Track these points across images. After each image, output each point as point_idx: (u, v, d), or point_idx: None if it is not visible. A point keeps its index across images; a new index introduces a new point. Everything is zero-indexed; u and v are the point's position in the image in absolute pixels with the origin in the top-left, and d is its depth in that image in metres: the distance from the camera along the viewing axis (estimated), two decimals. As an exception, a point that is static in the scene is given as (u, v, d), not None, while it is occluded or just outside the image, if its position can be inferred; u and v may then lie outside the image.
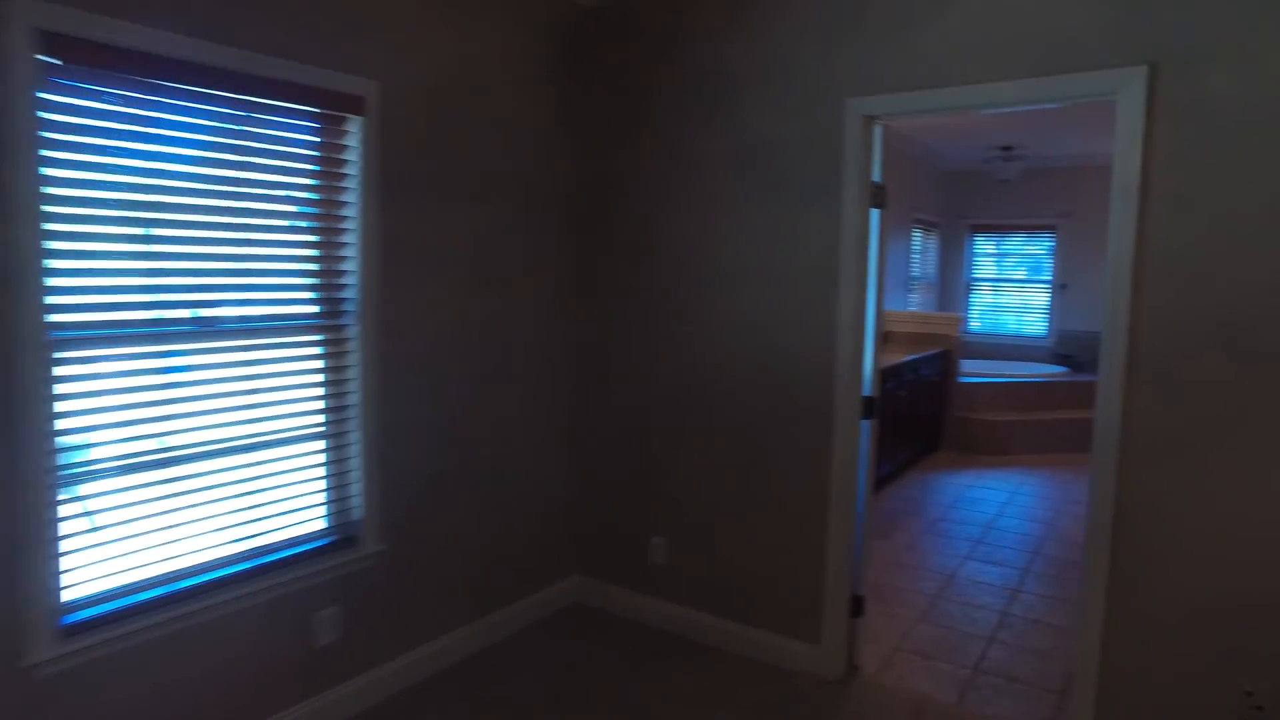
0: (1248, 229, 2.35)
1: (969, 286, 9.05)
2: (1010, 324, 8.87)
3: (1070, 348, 8.45)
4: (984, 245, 8.98)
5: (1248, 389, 2.37)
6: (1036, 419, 7.22)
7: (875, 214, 3.08)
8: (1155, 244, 2.49)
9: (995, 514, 5.46)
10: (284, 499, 2.61)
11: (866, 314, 3.07)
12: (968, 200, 8.91)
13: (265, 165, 2.50)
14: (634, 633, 3.55)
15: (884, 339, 7.39)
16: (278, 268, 2.57)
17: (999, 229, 8.83)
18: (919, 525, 5.17)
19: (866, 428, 3.12)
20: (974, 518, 5.36)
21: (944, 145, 8.07)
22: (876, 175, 3.06)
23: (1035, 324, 8.72)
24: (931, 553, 4.68)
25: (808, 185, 3.06)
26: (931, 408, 6.93)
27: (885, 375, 5.70)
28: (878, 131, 3.04)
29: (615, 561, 3.71)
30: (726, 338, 3.27)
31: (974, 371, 7.76)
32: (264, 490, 2.55)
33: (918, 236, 8.46)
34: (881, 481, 6.06)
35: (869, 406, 3.12)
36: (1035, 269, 8.72)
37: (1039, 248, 8.67)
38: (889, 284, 7.59)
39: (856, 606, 3.20)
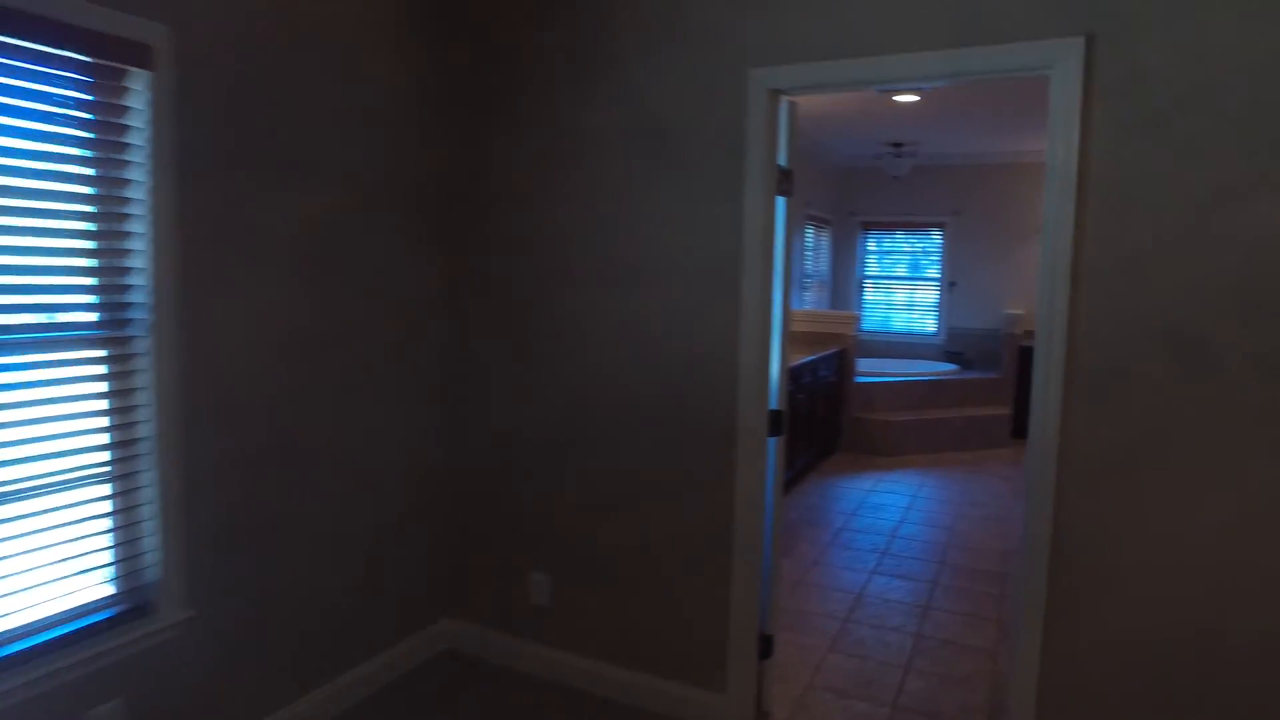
0: (1194, 221, 2.09)
1: (861, 284, 8.97)
2: (902, 322, 8.83)
3: (959, 345, 8.47)
4: (875, 242, 8.91)
5: (1197, 402, 2.11)
6: (931, 418, 7.14)
7: (781, 203, 2.71)
8: (1095, 238, 2.21)
9: (898, 520, 5.25)
10: (44, 564, 2.01)
11: (773, 314, 2.70)
12: (859, 197, 8.82)
13: (14, 129, 1.90)
14: (515, 684, 3.07)
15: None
16: (37, 263, 1.98)
17: (890, 226, 8.78)
18: (823, 537, 4.89)
19: (774, 447, 2.76)
20: (877, 525, 5.13)
21: (835, 140, 7.91)
22: (783, 159, 2.70)
23: (926, 322, 8.71)
24: (838, 568, 4.39)
25: (708, 168, 2.66)
26: (829, 409, 6.72)
27: (789, 374, 5.42)
28: (785, 108, 2.67)
29: (493, 602, 3.23)
30: (618, 345, 2.84)
31: (870, 371, 7.63)
32: (15, 556, 1.94)
33: (810, 233, 8.28)
34: (788, 485, 5.77)
35: (777, 421, 2.75)
36: (925, 266, 8.71)
37: (929, 245, 8.66)
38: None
39: (765, 647, 2.83)
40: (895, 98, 5.82)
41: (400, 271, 2.94)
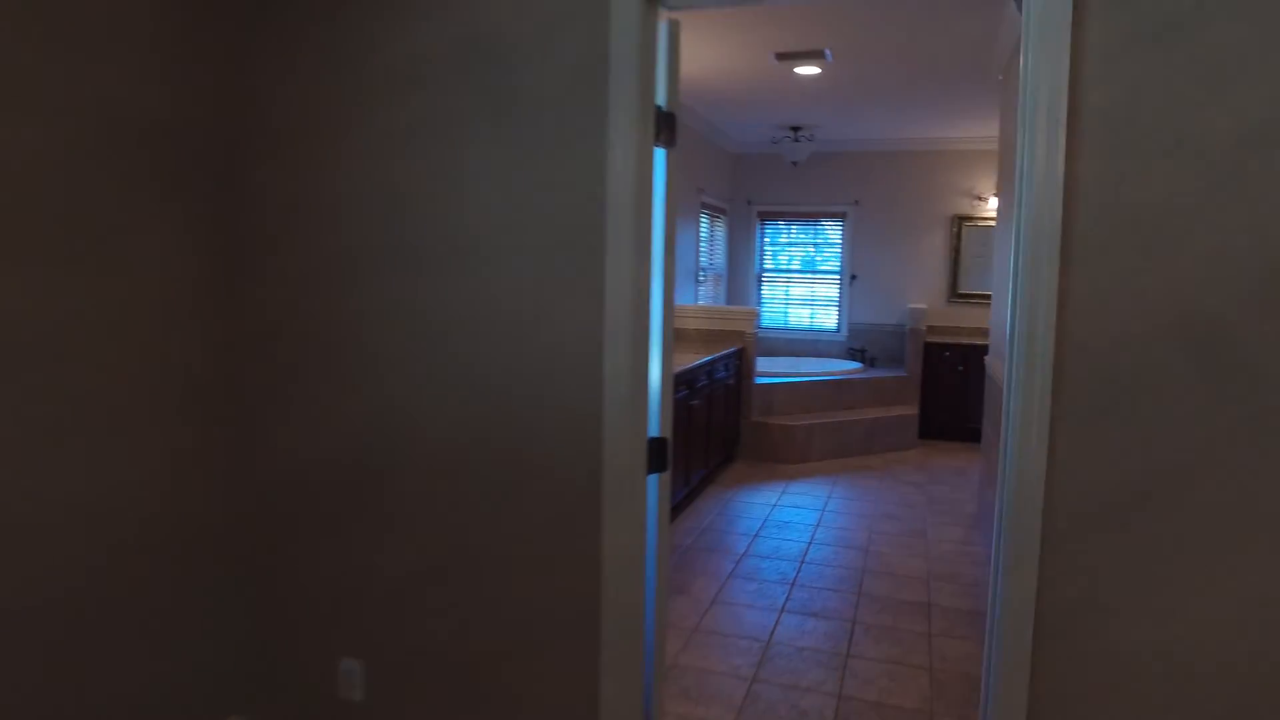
0: (1226, 169, 1.49)
1: (760, 278, 8.43)
2: (802, 318, 8.34)
3: (862, 342, 8.03)
4: (774, 234, 8.39)
5: (1230, 424, 1.51)
6: (835, 420, 6.63)
7: (661, 157, 2.00)
8: (1091, 197, 1.58)
9: (807, 540, 4.66)
10: None
11: (651, 307, 1.99)
12: (756, 185, 8.28)
13: None
14: (317, 813, 2.26)
15: (671, 337, 6.63)
16: None
17: (789, 216, 8.27)
18: (724, 566, 4.24)
19: (656, 488, 2.04)
20: (785, 548, 4.52)
21: (731, 124, 7.33)
22: (662, 98, 1.99)
23: (827, 318, 8.25)
24: (742, 607, 3.74)
25: (561, 107, 1.92)
26: (727, 414, 6.11)
27: (681, 380, 4.74)
28: (665, 29, 1.96)
29: (296, 695, 2.40)
30: (441, 349, 2.06)
31: (769, 371, 7.07)
32: None
33: (705, 223, 7.67)
34: (675, 509, 5.10)
35: (659, 452, 2.04)
36: (826, 259, 8.24)
37: (829, 237, 8.20)
38: (677, 275, 6.71)
39: (651, 754, 2.12)
40: (796, 69, 5.24)
41: (137, 246, 2.06)
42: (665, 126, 2.00)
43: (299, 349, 2.20)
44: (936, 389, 7.26)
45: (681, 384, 4.87)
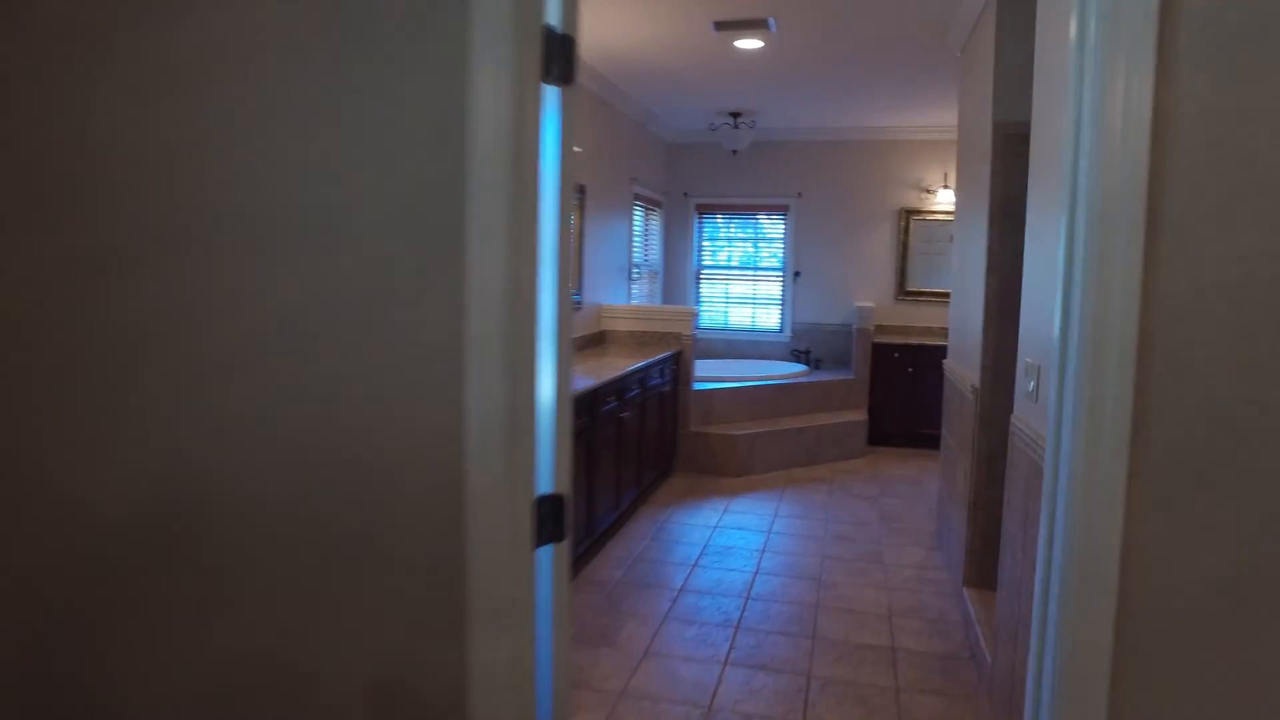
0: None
1: (698, 276, 7.91)
2: (744, 318, 7.85)
3: (807, 343, 7.57)
4: (713, 228, 7.88)
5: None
6: (780, 428, 6.13)
7: (554, 96, 1.42)
8: (1196, 143, 1.05)
9: (752, 570, 4.13)
10: None
11: (540, 311, 1.40)
12: (694, 176, 7.75)
13: None
14: None
15: (597, 341, 6.01)
16: None
17: (728, 209, 7.77)
18: (657, 606, 3.68)
19: (550, 566, 1.45)
20: (728, 581, 3.98)
21: (667, 110, 6.78)
22: (555, 15, 1.40)
23: (770, 317, 7.77)
24: (678, 659, 3.18)
25: (394, 22, 1.31)
26: (663, 425, 5.56)
27: (602, 394, 4.17)
28: (551, -87, 1.38)
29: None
30: (233, 392, 1.43)
31: (709, 375, 6.55)
32: None
33: (639, 216, 7.11)
34: (604, 535, 4.53)
35: (554, 516, 1.45)
36: (768, 255, 7.76)
37: (771, 232, 7.72)
38: (605, 270, 6.14)
39: None
40: (737, 43, 4.71)
41: None
42: (560, 55, 1.41)
43: (40, 380, 1.54)
44: (886, 392, 6.83)
45: (610, 394, 4.30)
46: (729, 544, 4.53)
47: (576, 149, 1.55)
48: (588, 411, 3.97)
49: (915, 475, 6.02)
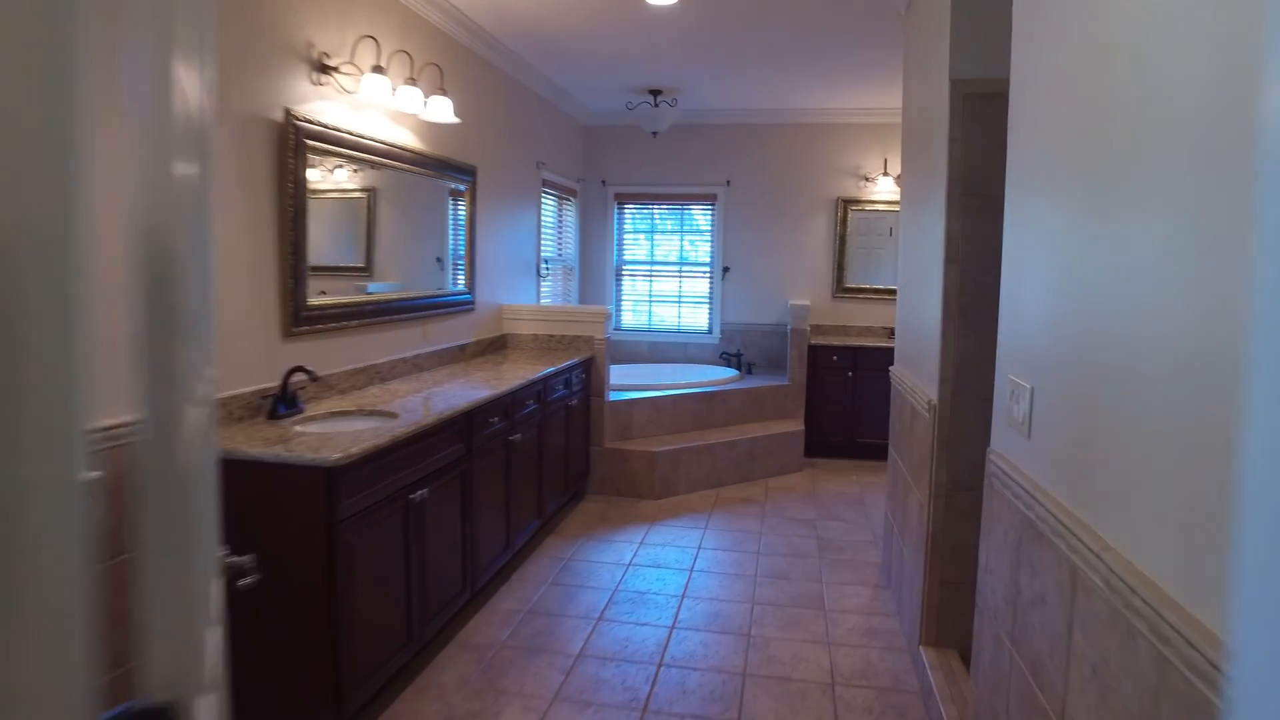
0: None
1: (619, 272, 7.20)
2: (669, 319, 7.16)
3: (737, 345, 6.93)
4: (635, 220, 7.17)
5: None
6: (707, 443, 5.45)
7: None
8: None
9: (669, 623, 3.43)
10: None
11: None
12: (612, 162, 7.04)
13: None
14: None
15: (497, 347, 5.14)
16: None
17: (651, 198, 7.07)
18: (545, 682, 2.94)
19: None
20: (637, 640, 3.27)
21: (580, 87, 6.05)
22: None
23: (697, 317, 7.10)
24: (563, 766, 2.45)
25: None
26: (571, 442, 4.82)
27: (482, 415, 3.41)
28: None
29: None
30: None
31: (628, 383, 5.83)
32: None
33: (550, 206, 6.36)
34: (495, 579, 3.77)
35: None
36: (695, 250, 7.09)
37: (699, 223, 7.05)
38: (505, 266, 5.37)
39: None
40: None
41: None
42: None
43: None
44: (823, 399, 6.22)
45: (495, 413, 3.54)
46: (643, 588, 3.81)
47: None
48: (462, 438, 3.21)
49: (856, 493, 5.40)
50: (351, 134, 3.33)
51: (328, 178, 3.31)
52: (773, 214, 6.78)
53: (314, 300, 3.16)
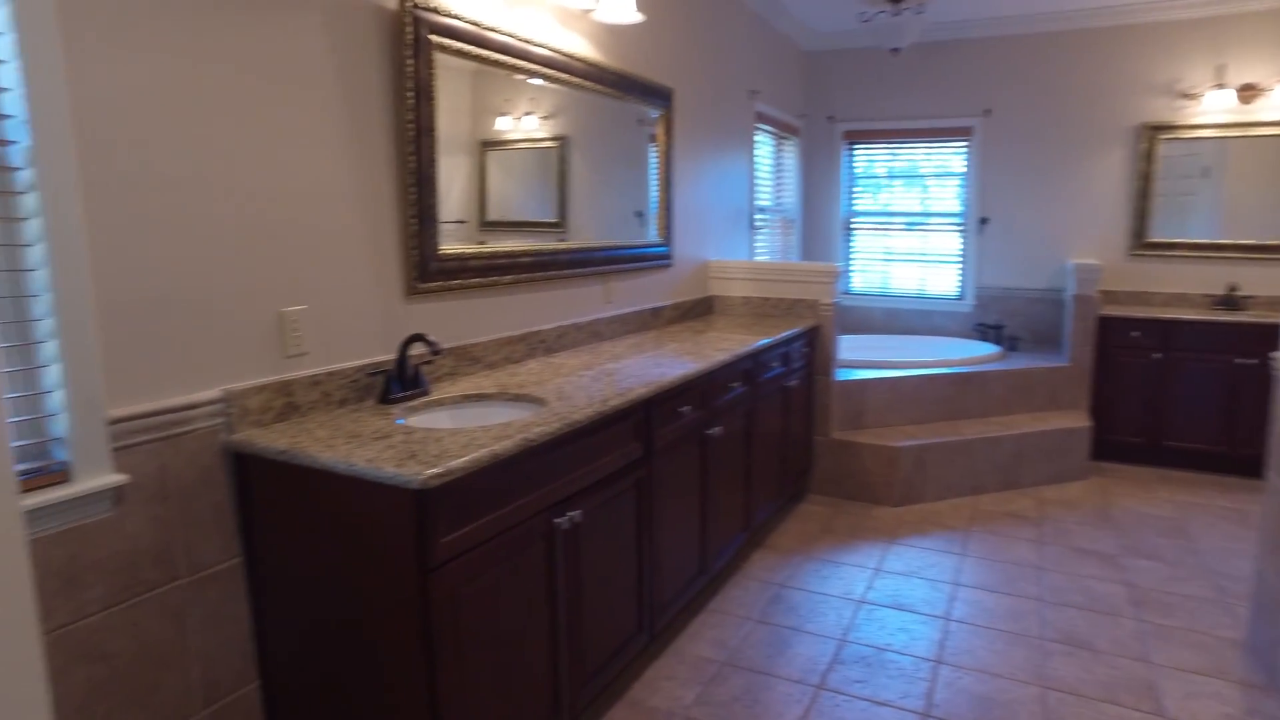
0: None
1: (848, 225, 6.06)
2: (910, 281, 5.93)
3: (997, 314, 5.58)
4: (869, 162, 5.98)
5: None
6: (962, 438, 4.27)
7: None
8: None
9: (921, 711, 2.41)
10: None
11: None
12: (842, 94, 5.88)
13: None
14: None
15: (701, 310, 4.23)
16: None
17: (889, 136, 5.84)
18: (744, 794, 2.05)
19: None
20: (874, 733, 2.29)
21: (803, 2, 4.97)
22: None
23: (945, 280, 5.81)
24: None
25: None
26: (789, 431, 3.85)
27: (684, 395, 2.54)
28: None
29: None
30: None
31: (860, 359, 4.75)
32: None
33: (766, 146, 5.36)
34: (685, 611, 2.92)
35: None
36: (944, 197, 5.79)
37: (950, 165, 5.74)
38: (711, 216, 4.45)
39: None
40: None
41: None
42: None
43: None
44: (1117, 387, 4.78)
45: (689, 398, 2.67)
46: (880, 641, 2.81)
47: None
48: (639, 435, 2.37)
49: (1174, 518, 4.00)
50: (499, 31, 2.54)
51: (516, 126, 2.75)
52: (1046, 150, 5.34)
53: (449, 248, 2.42)
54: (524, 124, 2.81)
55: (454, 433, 1.81)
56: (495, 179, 2.69)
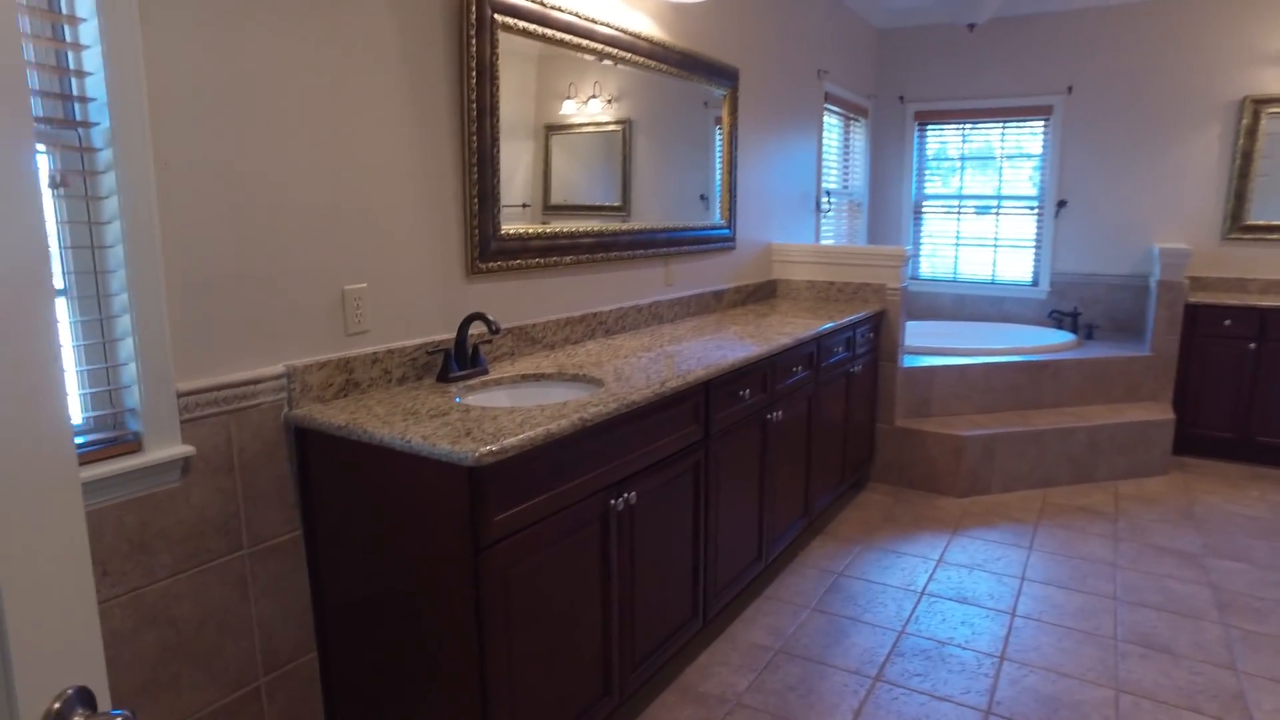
0: None
1: (918, 209, 5.89)
2: (980, 267, 5.74)
3: (1074, 301, 5.37)
4: (940, 144, 5.80)
5: None
6: (1033, 428, 4.13)
7: None
8: None
9: (983, 709, 2.34)
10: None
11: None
12: (913, 73, 5.70)
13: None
14: None
15: (764, 294, 4.15)
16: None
17: (962, 116, 5.64)
18: (797, 784, 2.02)
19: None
20: (934, 728, 2.24)
21: (875, -31, 4.83)
22: None
23: (1018, 265, 5.61)
24: None
25: None
26: (853, 417, 3.78)
27: (744, 378, 2.51)
28: None
29: None
30: None
31: (927, 345, 4.62)
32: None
33: (834, 127, 5.24)
34: (741, 595, 2.90)
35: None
36: (1018, 180, 5.57)
37: (1025, 146, 5.52)
38: (776, 198, 4.38)
39: None
40: None
41: None
42: None
43: None
44: (1204, 378, 4.55)
45: (750, 380, 2.63)
46: (942, 634, 2.74)
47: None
48: (697, 417, 2.34)
49: (1268, 519, 3.79)
50: (563, 10, 2.52)
51: (581, 109, 2.74)
52: (1133, 128, 5.08)
53: (510, 228, 2.43)
54: (589, 108, 2.79)
55: (510, 411, 1.81)
56: (559, 163, 2.68)
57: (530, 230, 2.51)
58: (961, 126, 5.68)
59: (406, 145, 2.08)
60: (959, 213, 5.77)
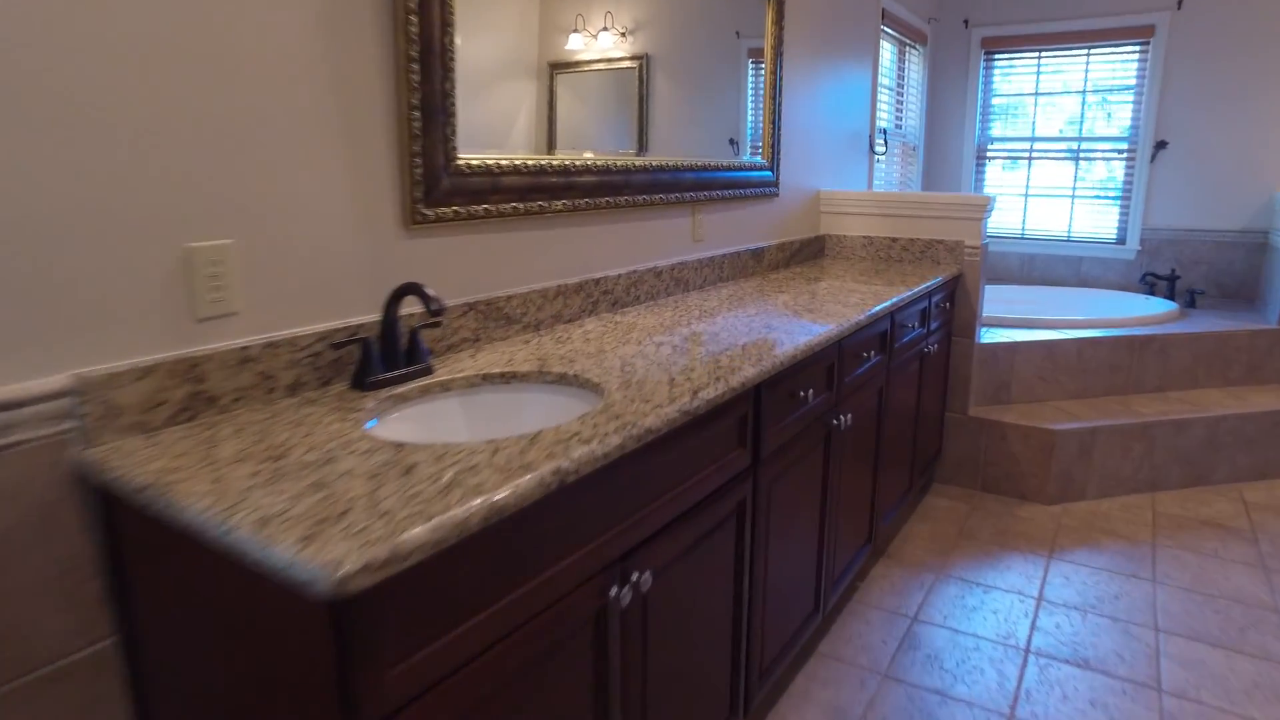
0: None
1: (983, 154, 5.04)
2: (1057, 222, 4.91)
3: (1170, 261, 4.54)
4: (1009, 76, 4.93)
5: None
6: (1138, 420, 3.36)
7: None
8: None
9: None
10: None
11: None
12: (983, -11, 4.82)
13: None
14: None
15: (811, 253, 3.50)
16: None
17: (1039, 42, 4.76)
18: None
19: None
20: None
21: None
22: None
23: (1102, 218, 4.77)
24: None
25: None
26: (924, 407, 3.02)
27: (806, 372, 1.73)
28: None
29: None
30: None
31: (1000, 316, 3.83)
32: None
33: (889, 56, 4.39)
34: (800, 659, 2.18)
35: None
36: (1105, 118, 4.71)
37: (1116, 76, 4.65)
38: (824, 139, 3.57)
39: None
40: None
41: None
42: None
43: None
44: (1341, 357, 3.75)
45: (812, 375, 1.87)
46: (1054, 713, 2.01)
47: None
48: (740, 438, 1.60)
49: None
50: None
51: (590, 44, 2.03)
52: (1258, 54, 4.21)
53: (473, 157, 1.66)
54: (599, 42, 2.03)
55: (440, 456, 1.07)
56: (565, 105, 1.95)
57: (503, 162, 1.74)
58: (1038, 54, 4.81)
59: (299, 28, 1.31)
60: (1030, 158, 4.92)
